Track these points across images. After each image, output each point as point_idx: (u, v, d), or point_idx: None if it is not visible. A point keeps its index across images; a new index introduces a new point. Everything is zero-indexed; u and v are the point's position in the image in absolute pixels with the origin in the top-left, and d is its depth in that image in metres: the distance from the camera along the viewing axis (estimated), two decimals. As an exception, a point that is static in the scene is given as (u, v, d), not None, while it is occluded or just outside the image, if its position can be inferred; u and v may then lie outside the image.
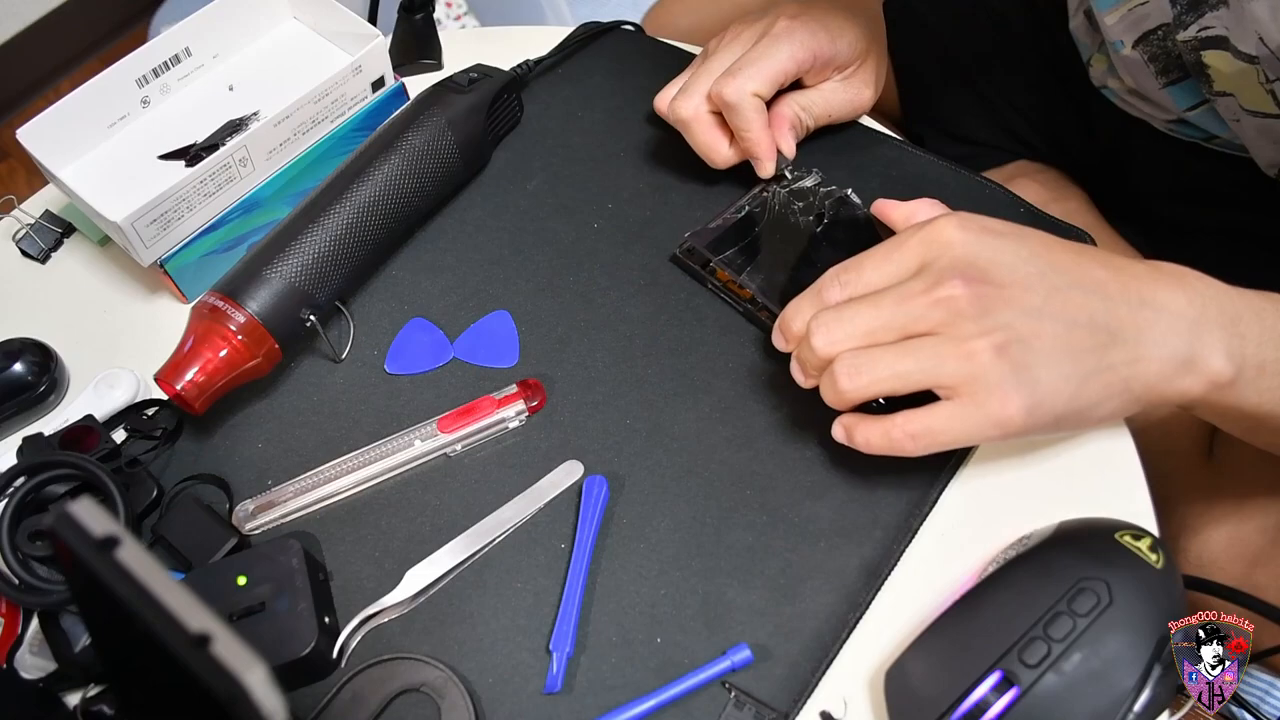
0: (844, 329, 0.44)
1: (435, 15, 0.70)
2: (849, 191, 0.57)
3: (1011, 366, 0.41)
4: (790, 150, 0.58)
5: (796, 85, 0.58)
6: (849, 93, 0.59)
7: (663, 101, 0.59)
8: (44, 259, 0.62)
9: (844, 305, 0.45)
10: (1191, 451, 0.65)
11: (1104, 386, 0.42)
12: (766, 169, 0.57)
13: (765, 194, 0.58)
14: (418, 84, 0.64)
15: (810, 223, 0.56)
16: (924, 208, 0.51)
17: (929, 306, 0.42)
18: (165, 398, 0.52)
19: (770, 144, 0.57)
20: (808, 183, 0.58)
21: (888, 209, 0.52)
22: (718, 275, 0.55)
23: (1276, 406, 0.44)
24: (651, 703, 0.44)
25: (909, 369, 0.42)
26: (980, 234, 0.44)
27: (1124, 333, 0.42)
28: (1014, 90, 0.81)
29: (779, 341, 0.49)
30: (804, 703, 0.44)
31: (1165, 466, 0.64)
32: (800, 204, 0.57)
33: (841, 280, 0.46)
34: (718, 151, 0.57)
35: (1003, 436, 0.42)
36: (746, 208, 0.57)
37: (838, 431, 0.46)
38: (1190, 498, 0.63)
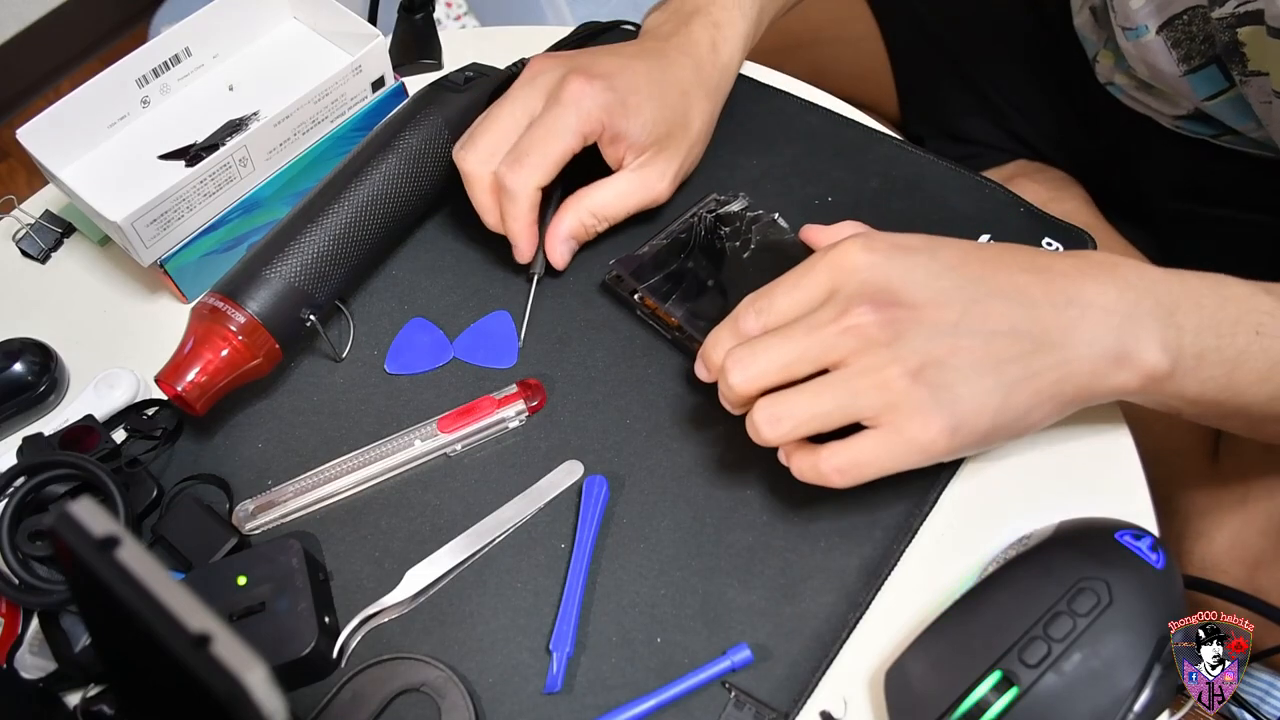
0: (758, 365, 0.43)
1: (435, 15, 0.70)
2: (776, 215, 0.56)
3: (929, 390, 0.40)
4: (558, 260, 0.56)
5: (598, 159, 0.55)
6: (643, 184, 0.55)
7: (457, 148, 0.55)
8: (44, 259, 0.62)
9: (756, 340, 0.44)
10: (1195, 452, 0.65)
11: (1033, 394, 0.42)
12: (522, 260, 0.55)
13: (693, 220, 0.57)
14: (418, 84, 0.64)
15: (737, 249, 0.55)
16: (847, 231, 0.49)
17: (839, 335, 0.42)
18: (165, 397, 0.52)
19: (530, 242, 0.55)
20: (734, 207, 0.57)
21: (813, 234, 0.52)
22: (645, 303, 0.55)
23: (1220, 394, 0.43)
24: (651, 703, 0.44)
25: (827, 409, 0.42)
26: (889, 253, 0.43)
27: (1049, 336, 0.41)
28: (1014, 89, 0.81)
29: (701, 373, 0.48)
30: (804, 703, 0.44)
31: (1168, 468, 0.63)
32: (727, 229, 0.56)
33: (756, 308, 0.45)
34: (490, 217, 0.55)
35: (930, 460, 0.42)
36: (675, 234, 0.56)
37: (780, 455, 0.45)
38: (1193, 499, 0.62)
